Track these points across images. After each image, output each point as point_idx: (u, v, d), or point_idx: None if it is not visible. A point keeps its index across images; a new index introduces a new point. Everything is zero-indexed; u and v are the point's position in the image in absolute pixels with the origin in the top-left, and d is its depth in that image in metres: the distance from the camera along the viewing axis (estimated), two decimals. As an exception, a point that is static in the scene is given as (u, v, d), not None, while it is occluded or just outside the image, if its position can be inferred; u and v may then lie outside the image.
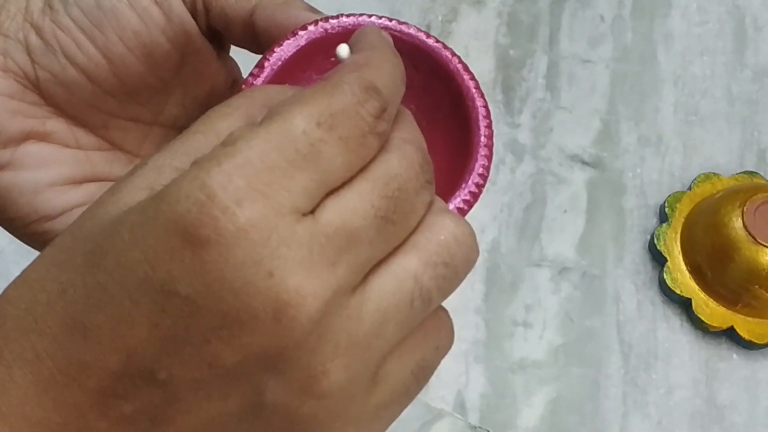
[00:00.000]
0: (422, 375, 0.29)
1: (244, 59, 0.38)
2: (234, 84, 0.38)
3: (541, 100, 0.72)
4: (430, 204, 0.28)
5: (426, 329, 0.29)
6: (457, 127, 0.34)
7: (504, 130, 0.71)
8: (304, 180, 0.25)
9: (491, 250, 0.68)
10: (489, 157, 0.34)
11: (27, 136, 0.34)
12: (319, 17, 0.34)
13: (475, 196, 0.34)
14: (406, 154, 0.27)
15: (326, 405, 0.26)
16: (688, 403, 0.65)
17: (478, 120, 0.34)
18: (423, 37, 0.35)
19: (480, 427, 0.64)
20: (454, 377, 0.65)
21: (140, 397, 0.25)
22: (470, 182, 0.34)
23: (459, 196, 0.34)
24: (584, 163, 0.71)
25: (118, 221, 0.25)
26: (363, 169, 0.26)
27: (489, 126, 0.34)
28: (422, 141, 0.28)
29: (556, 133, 0.72)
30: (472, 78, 0.34)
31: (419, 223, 0.27)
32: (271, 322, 0.24)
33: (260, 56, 0.34)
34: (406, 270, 0.26)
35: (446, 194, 0.33)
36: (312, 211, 0.25)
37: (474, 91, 0.34)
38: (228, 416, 0.26)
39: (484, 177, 0.34)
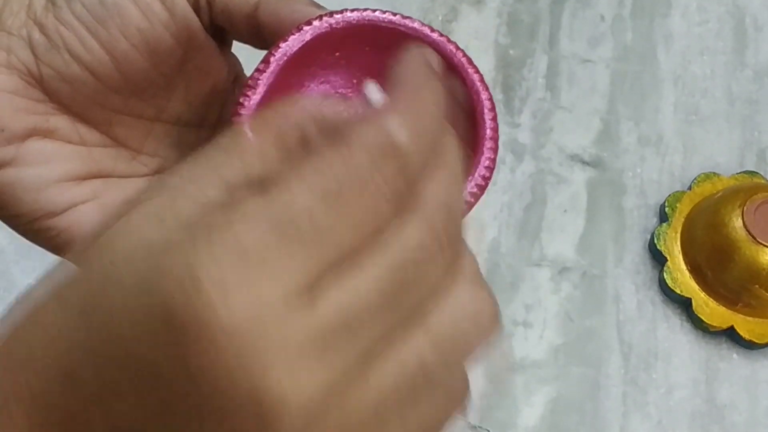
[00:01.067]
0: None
1: (245, 55, 0.38)
2: (236, 79, 0.37)
3: (541, 100, 0.72)
4: (455, 273, 0.25)
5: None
6: (462, 120, 0.34)
7: (504, 130, 0.71)
8: (303, 262, 0.23)
9: (491, 250, 0.68)
10: (495, 150, 0.34)
11: (31, 133, 0.34)
12: (323, 12, 0.34)
13: (482, 188, 0.33)
14: (429, 220, 0.24)
15: None
16: (688, 403, 0.65)
17: (483, 113, 0.34)
18: (427, 31, 0.35)
19: (480, 427, 0.64)
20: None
21: None
22: (477, 175, 0.33)
23: (466, 189, 0.33)
24: (584, 162, 0.71)
25: (117, 279, 0.24)
26: (375, 241, 0.24)
27: (494, 119, 0.34)
28: (456, 195, 0.25)
29: (556, 132, 0.72)
30: (477, 71, 0.34)
31: (437, 295, 0.25)
32: (255, 423, 0.23)
33: (264, 52, 0.34)
34: (414, 355, 0.24)
35: None
36: (311, 292, 0.23)
37: (479, 84, 0.34)
38: None
39: (491, 169, 0.34)
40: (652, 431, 0.64)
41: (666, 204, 0.68)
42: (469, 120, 0.34)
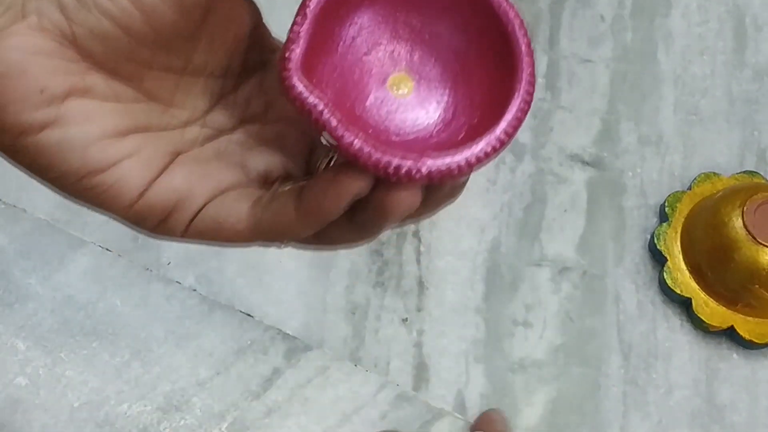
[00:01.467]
0: None
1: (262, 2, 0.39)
2: (256, 27, 0.38)
3: (541, 100, 0.72)
4: None
5: None
6: (500, 59, 0.34)
7: (504, 130, 0.71)
8: None
9: (491, 250, 0.68)
10: (532, 84, 0.34)
11: (69, 93, 0.35)
12: None
13: (528, 104, 0.34)
14: None
15: None
16: (688, 403, 0.65)
17: (517, 36, 0.34)
18: None
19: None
20: (454, 377, 0.65)
21: None
22: (521, 96, 0.34)
23: (505, 119, 0.33)
24: (584, 162, 0.71)
25: None
26: None
27: (530, 55, 0.34)
28: None
29: (556, 132, 0.72)
30: (517, 16, 0.35)
31: None
32: None
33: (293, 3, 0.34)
34: None
35: (490, 120, 0.34)
36: None
37: (518, 28, 0.35)
38: None
39: (529, 102, 0.34)
40: (652, 431, 0.64)
41: (666, 204, 0.68)
42: (507, 60, 0.34)
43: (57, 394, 0.63)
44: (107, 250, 0.67)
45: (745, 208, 0.63)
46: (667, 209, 0.68)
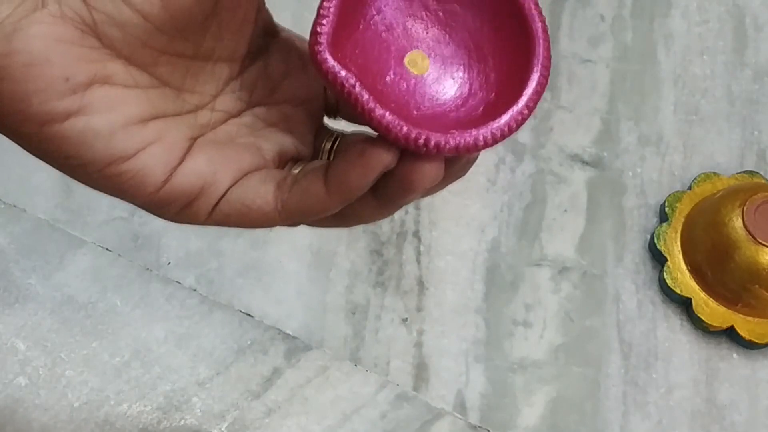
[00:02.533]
0: None
1: None
2: (259, 11, 0.38)
3: (542, 100, 0.72)
4: None
5: None
6: (515, 38, 0.35)
7: (504, 130, 0.71)
8: None
9: (491, 250, 0.68)
10: (548, 59, 0.35)
11: (92, 81, 0.35)
12: None
13: (545, 82, 0.35)
14: None
15: None
16: (688, 403, 0.65)
17: (538, 32, 0.35)
18: None
19: (480, 427, 0.64)
20: (454, 377, 0.65)
21: None
22: (537, 71, 0.35)
23: (526, 95, 0.34)
24: (584, 162, 0.71)
25: None
26: None
27: (546, 30, 0.35)
28: None
29: (556, 132, 0.72)
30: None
31: None
32: None
33: None
34: None
35: (508, 97, 0.34)
36: None
37: (534, 6, 0.35)
38: None
39: (546, 79, 0.35)
40: (652, 431, 0.64)
41: (666, 204, 0.68)
42: (522, 36, 0.35)
43: (57, 394, 0.63)
44: (107, 250, 0.67)
45: (745, 208, 0.63)
46: (667, 209, 0.68)
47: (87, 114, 0.35)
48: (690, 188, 0.69)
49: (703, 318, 0.65)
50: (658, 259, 0.67)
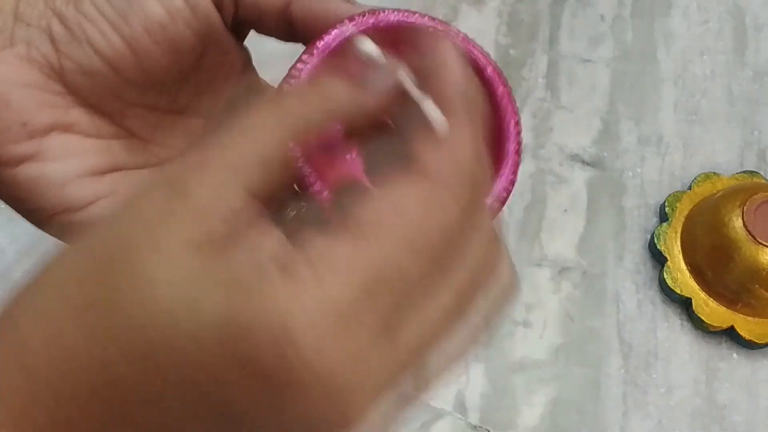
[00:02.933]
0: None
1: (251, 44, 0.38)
2: (245, 70, 0.37)
3: (542, 100, 0.72)
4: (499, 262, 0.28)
5: None
6: (487, 131, 0.35)
7: (504, 130, 0.71)
8: (386, 307, 0.24)
9: (491, 250, 0.68)
10: (517, 164, 0.35)
11: (52, 127, 0.34)
12: (360, 10, 0.34)
13: (503, 203, 0.35)
14: (488, 235, 0.27)
15: None
16: (689, 403, 0.65)
17: (509, 130, 0.35)
18: (461, 39, 0.35)
19: (480, 427, 0.64)
20: (454, 377, 0.65)
21: None
22: (496, 193, 0.34)
23: (503, 178, 0.34)
24: (584, 162, 0.71)
25: (175, 321, 0.24)
26: (447, 268, 0.26)
27: (519, 133, 0.35)
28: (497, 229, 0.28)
29: (556, 132, 0.72)
30: (505, 85, 0.35)
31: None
32: None
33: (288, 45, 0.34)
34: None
35: None
36: (389, 330, 0.25)
37: (507, 99, 0.35)
38: None
39: (513, 183, 0.35)
40: (652, 431, 0.64)
41: (666, 204, 0.68)
42: (494, 133, 0.34)
43: (57, 394, 0.63)
44: (107, 250, 0.67)
45: (745, 208, 0.63)
46: (667, 209, 0.68)
47: (42, 161, 0.34)
48: (690, 188, 0.69)
49: (703, 318, 0.65)
50: (658, 259, 0.67)
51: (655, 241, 0.67)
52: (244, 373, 0.23)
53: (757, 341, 0.65)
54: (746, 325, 0.65)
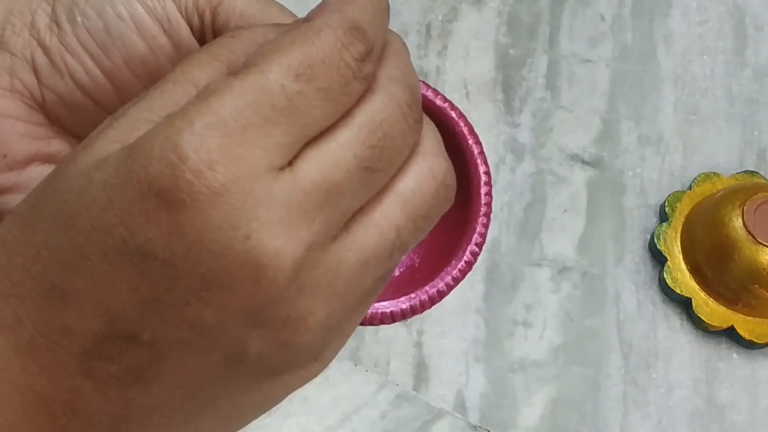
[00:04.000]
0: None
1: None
2: None
3: (541, 100, 0.72)
4: (416, 144, 0.27)
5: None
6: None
7: (504, 130, 0.71)
8: (281, 135, 0.25)
9: (491, 250, 0.68)
10: (486, 226, 0.35)
11: (33, 159, 0.34)
12: None
13: (470, 264, 0.35)
14: (393, 95, 0.27)
15: (307, 348, 0.26)
16: (688, 403, 0.65)
17: (479, 186, 0.35)
18: (431, 95, 0.35)
19: (480, 427, 0.64)
20: (454, 377, 0.65)
21: (125, 358, 0.26)
22: (467, 251, 0.34)
23: (455, 266, 0.34)
24: (584, 162, 0.71)
25: (89, 179, 0.25)
26: (346, 116, 0.26)
27: (489, 193, 0.35)
28: (412, 75, 0.28)
29: (556, 132, 0.72)
30: (477, 142, 0.35)
31: (404, 164, 0.27)
32: (250, 283, 0.24)
33: None
34: (390, 222, 0.27)
35: (442, 260, 0.34)
36: (291, 164, 0.25)
37: (477, 156, 0.35)
38: (213, 366, 0.26)
39: (480, 245, 0.35)
40: (652, 431, 0.64)
41: (666, 204, 0.68)
42: (463, 190, 0.34)
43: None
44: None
45: (745, 208, 0.63)
46: (667, 209, 0.68)
47: (21, 192, 0.34)
48: (690, 188, 0.69)
49: (703, 318, 0.65)
50: (658, 259, 0.67)
51: (655, 241, 0.67)
52: (145, 200, 0.24)
53: (757, 341, 0.65)
54: (746, 325, 0.65)
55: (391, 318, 0.34)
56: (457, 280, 0.34)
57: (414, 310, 0.34)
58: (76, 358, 0.26)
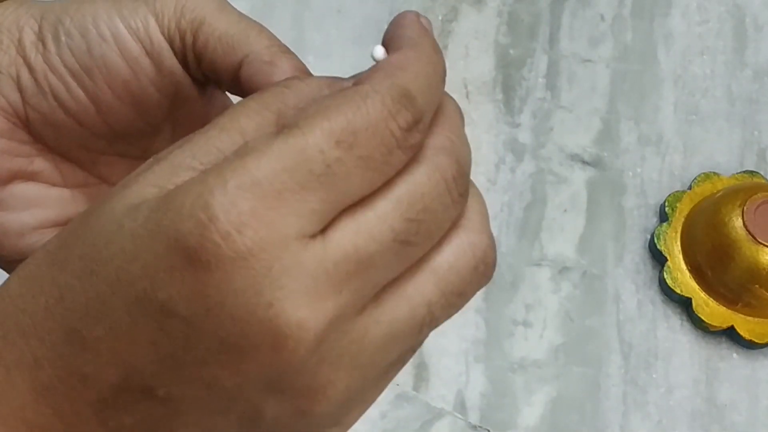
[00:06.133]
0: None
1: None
2: None
3: (542, 100, 0.72)
4: (459, 216, 0.26)
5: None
6: None
7: (504, 130, 0.71)
8: (316, 202, 0.24)
9: (491, 250, 0.68)
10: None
11: (15, 176, 0.34)
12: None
13: None
14: (438, 166, 0.25)
15: (325, 417, 0.26)
16: (688, 403, 0.65)
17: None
18: None
19: (480, 427, 0.64)
20: (455, 376, 0.65)
21: (140, 410, 0.25)
22: None
23: None
24: (584, 162, 0.71)
25: (119, 226, 0.24)
26: (387, 185, 0.25)
27: None
28: (462, 145, 0.27)
29: (556, 132, 0.72)
30: None
31: (444, 237, 0.26)
32: (270, 351, 0.24)
33: None
34: (422, 297, 0.26)
35: None
36: (324, 231, 0.24)
37: None
38: (228, 426, 0.25)
39: None
40: (652, 431, 0.64)
41: (666, 204, 0.68)
42: None
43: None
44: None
45: (745, 208, 0.63)
46: (667, 209, 0.68)
47: (1, 210, 0.34)
48: (690, 188, 0.69)
49: (703, 318, 0.65)
50: (658, 259, 0.67)
51: (655, 241, 0.67)
52: (171, 257, 0.23)
53: (757, 341, 0.65)
54: (746, 325, 0.65)
55: None
56: None
57: None
58: (92, 405, 0.25)
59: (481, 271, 0.27)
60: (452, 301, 0.26)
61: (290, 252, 0.23)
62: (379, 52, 0.27)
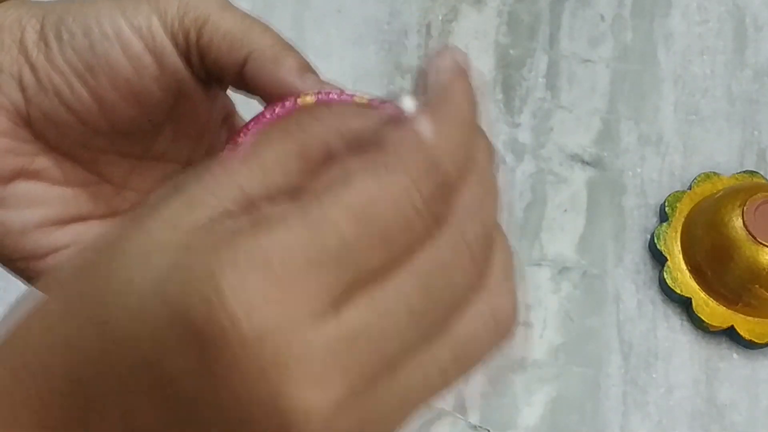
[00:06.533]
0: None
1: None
2: (226, 118, 0.37)
3: (542, 100, 0.72)
4: (482, 275, 0.25)
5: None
6: None
7: (504, 130, 0.71)
8: (330, 279, 0.22)
9: (491, 250, 0.68)
10: None
11: (17, 175, 0.34)
12: (309, 91, 0.33)
13: None
14: (463, 233, 0.24)
15: None
16: (688, 403, 0.65)
17: None
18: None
19: (480, 427, 0.64)
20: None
21: None
22: None
23: None
24: (584, 162, 0.71)
25: (129, 281, 0.23)
26: (406, 255, 0.23)
27: None
28: (489, 197, 0.25)
29: (556, 132, 0.72)
30: None
31: (463, 303, 0.25)
32: None
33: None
34: (438, 366, 0.25)
35: None
36: (336, 306, 0.23)
37: None
38: None
39: None
40: (652, 431, 0.64)
41: (666, 204, 0.68)
42: None
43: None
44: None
45: (745, 208, 0.63)
46: (667, 209, 0.68)
47: (3, 208, 0.34)
48: (690, 188, 0.69)
49: (703, 318, 0.65)
50: (658, 259, 0.67)
51: (655, 241, 0.67)
52: (178, 329, 0.22)
53: (757, 341, 0.65)
54: (746, 325, 0.65)
55: None
56: None
57: None
58: None
59: (502, 335, 0.26)
60: (469, 366, 0.25)
61: (299, 335, 0.22)
62: (408, 103, 0.25)
